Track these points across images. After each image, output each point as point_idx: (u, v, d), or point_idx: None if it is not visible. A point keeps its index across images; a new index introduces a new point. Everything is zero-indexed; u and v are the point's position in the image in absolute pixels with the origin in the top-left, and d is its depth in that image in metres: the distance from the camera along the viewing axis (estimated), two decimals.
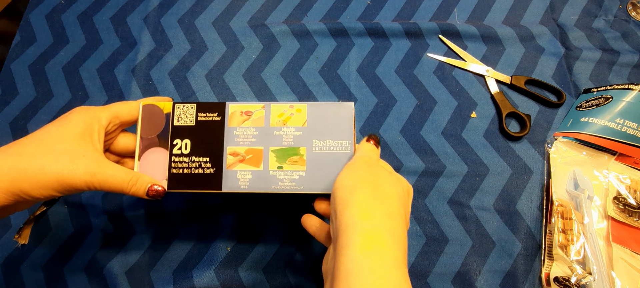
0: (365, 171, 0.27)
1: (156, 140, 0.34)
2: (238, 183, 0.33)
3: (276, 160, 0.33)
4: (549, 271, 0.40)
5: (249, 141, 0.34)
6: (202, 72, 0.50)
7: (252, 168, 0.33)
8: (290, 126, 0.34)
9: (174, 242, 0.42)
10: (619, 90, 0.45)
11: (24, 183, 0.24)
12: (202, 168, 0.33)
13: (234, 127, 0.34)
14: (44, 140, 0.26)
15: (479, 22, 0.53)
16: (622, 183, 0.42)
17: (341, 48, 0.51)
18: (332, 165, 0.32)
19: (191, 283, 0.40)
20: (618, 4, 0.54)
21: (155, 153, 0.34)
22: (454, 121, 0.47)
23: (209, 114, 0.34)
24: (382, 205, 0.24)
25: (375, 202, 0.24)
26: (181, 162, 0.34)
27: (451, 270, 0.41)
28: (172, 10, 0.54)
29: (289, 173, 0.33)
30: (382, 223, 0.23)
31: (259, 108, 0.34)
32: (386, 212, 0.24)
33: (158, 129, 0.34)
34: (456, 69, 0.50)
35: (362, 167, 0.27)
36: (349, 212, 0.24)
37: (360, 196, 0.24)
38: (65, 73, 0.51)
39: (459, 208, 0.43)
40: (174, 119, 0.34)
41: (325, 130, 0.33)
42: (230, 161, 0.33)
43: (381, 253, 0.22)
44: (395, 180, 0.27)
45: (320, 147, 0.33)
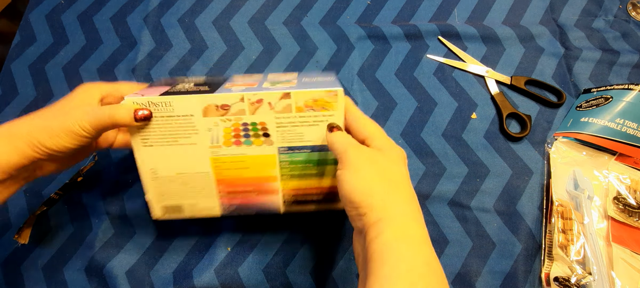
0: (370, 168, 0.27)
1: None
2: (232, 91, 0.32)
3: (269, 84, 0.34)
4: (548, 271, 0.40)
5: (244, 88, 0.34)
6: (202, 72, 0.50)
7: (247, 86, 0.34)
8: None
9: (174, 242, 0.42)
10: (619, 90, 0.45)
11: (40, 134, 0.29)
12: (198, 87, 0.34)
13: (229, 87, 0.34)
14: (54, 105, 0.32)
15: (479, 22, 0.53)
16: (622, 183, 0.42)
17: (341, 51, 0.51)
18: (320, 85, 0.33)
19: (191, 283, 0.40)
20: (618, 4, 0.54)
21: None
22: (454, 122, 0.47)
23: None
24: (397, 194, 0.26)
25: (391, 195, 0.26)
26: (180, 87, 0.34)
27: (451, 271, 0.41)
28: (172, 9, 0.54)
29: (281, 87, 0.33)
30: (403, 210, 0.26)
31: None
32: (403, 199, 0.26)
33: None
34: (456, 70, 0.50)
35: (366, 164, 0.27)
36: (373, 214, 0.25)
37: (377, 197, 0.26)
38: (65, 73, 0.51)
39: (459, 210, 0.43)
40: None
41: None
42: (226, 86, 0.34)
43: (409, 237, 0.24)
44: (395, 157, 0.29)
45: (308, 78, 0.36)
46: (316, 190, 0.34)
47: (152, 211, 0.35)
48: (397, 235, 0.24)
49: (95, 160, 0.46)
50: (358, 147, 0.29)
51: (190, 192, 0.34)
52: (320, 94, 0.32)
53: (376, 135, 0.30)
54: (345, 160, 0.27)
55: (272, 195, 0.35)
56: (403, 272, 0.23)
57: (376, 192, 0.26)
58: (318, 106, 0.32)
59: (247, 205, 0.35)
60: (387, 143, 0.30)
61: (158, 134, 0.32)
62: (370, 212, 0.25)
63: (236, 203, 0.35)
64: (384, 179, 0.27)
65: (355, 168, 0.27)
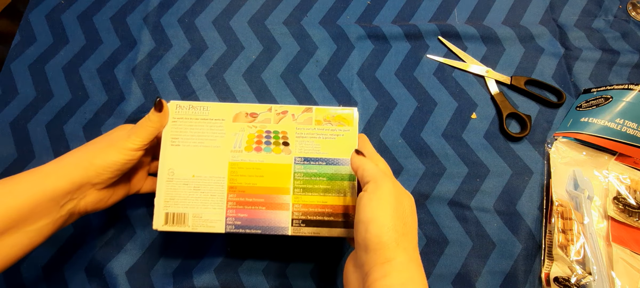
0: (394, 204, 0.27)
1: None
2: None
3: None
4: (548, 271, 0.40)
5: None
6: (202, 71, 0.50)
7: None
8: None
9: (174, 242, 0.42)
10: (619, 90, 0.45)
11: (89, 154, 0.32)
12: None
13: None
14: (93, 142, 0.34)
15: (479, 22, 0.53)
16: (622, 183, 0.42)
17: (341, 51, 0.51)
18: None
19: (191, 283, 0.40)
20: (618, 4, 0.54)
21: None
22: (454, 122, 0.47)
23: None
24: (409, 239, 0.27)
25: (405, 239, 0.26)
26: None
27: (451, 271, 0.41)
28: (172, 9, 0.54)
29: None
30: (411, 256, 0.26)
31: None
32: (413, 245, 0.27)
33: None
34: (456, 70, 0.50)
35: (392, 199, 0.27)
36: (384, 253, 0.25)
37: (392, 236, 0.26)
38: (65, 73, 0.51)
39: (459, 210, 0.43)
40: None
41: None
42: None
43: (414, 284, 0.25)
44: (412, 205, 0.29)
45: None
46: (326, 209, 0.34)
47: (155, 218, 0.34)
48: (404, 281, 0.25)
49: None
50: (392, 179, 0.29)
51: (199, 199, 0.35)
52: (338, 111, 0.36)
53: (389, 175, 0.31)
54: (377, 187, 0.27)
55: (281, 210, 0.34)
56: None
57: (393, 230, 0.26)
58: (335, 121, 0.36)
59: (254, 221, 0.34)
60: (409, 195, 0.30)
61: (188, 135, 0.36)
62: (382, 249, 0.25)
63: (242, 217, 0.34)
64: (400, 218, 0.27)
65: (382, 199, 0.27)
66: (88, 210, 0.33)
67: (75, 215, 0.33)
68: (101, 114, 0.48)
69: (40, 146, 0.47)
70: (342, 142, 0.36)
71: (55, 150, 0.47)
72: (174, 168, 0.35)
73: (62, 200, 0.30)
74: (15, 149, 0.47)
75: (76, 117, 0.48)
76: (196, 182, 0.35)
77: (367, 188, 0.28)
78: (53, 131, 0.48)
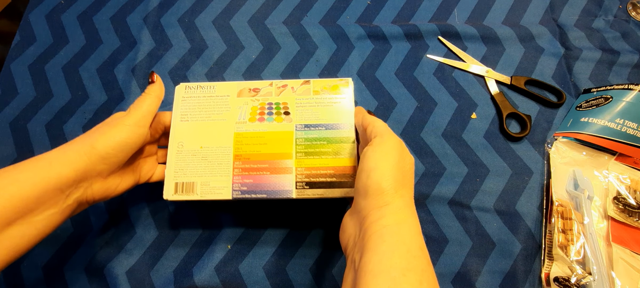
0: (395, 155, 0.29)
1: None
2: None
3: None
4: (548, 271, 0.40)
5: None
6: (202, 71, 0.50)
7: None
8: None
9: (174, 241, 0.42)
10: (619, 90, 0.45)
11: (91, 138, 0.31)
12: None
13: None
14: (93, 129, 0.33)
15: (479, 22, 0.53)
16: (622, 183, 0.42)
17: (341, 51, 0.51)
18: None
19: (192, 281, 0.40)
20: (618, 4, 0.54)
21: None
22: (454, 122, 0.47)
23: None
24: (406, 186, 0.29)
25: (402, 186, 0.28)
26: None
27: (451, 270, 0.41)
28: (172, 9, 0.54)
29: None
30: (407, 202, 0.28)
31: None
32: (409, 192, 0.29)
33: None
34: (456, 70, 0.50)
35: (394, 151, 0.29)
36: (382, 198, 0.27)
37: (391, 183, 0.27)
38: (65, 73, 0.51)
39: (459, 209, 0.43)
40: None
41: None
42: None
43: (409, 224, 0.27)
44: (412, 164, 0.31)
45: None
46: (328, 170, 0.36)
47: (166, 188, 0.36)
48: (399, 221, 0.26)
49: None
50: (393, 134, 0.31)
51: (207, 168, 0.36)
52: (335, 82, 0.39)
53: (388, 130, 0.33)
54: (383, 141, 0.29)
55: (285, 174, 0.36)
56: (402, 251, 0.25)
57: (392, 179, 0.27)
58: (332, 90, 0.39)
59: (259, 186, 0.35)
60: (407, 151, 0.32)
61: (196, 111, 0.38)
62: (381, 194, 0.27)
63: (248, 182, 0.35)
64: (400, 170, 0.28)
65: (387, 151, 0.29)
66: (96, 198, 0.32)
67: (84, 204, 0.32)
68: (101, 113, 0.48)
69: (40, 146, 0.47)
70: (339, 109, 0.38)
71: None
72: (183, 142, 0.37)
73: (67, 189, 0.29)
74: (15, 149, 0.47)
75: (76, 117, 0.48)
76: (204, 153, 0.37)
77: (374, 142, 0.30)
78: (53, 131, 0.48)
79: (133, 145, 0.33)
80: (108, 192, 0.33)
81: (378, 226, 0.26)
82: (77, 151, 0.30)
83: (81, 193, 0.31)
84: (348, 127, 0.37)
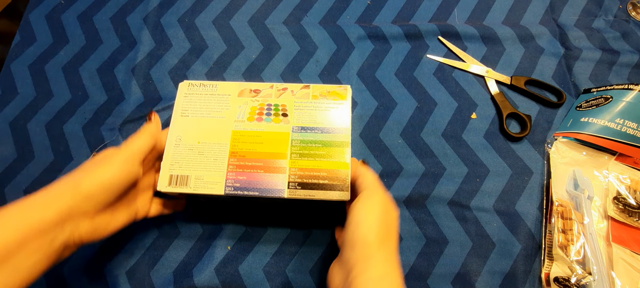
0: (382, 212, 0.30)
1: None
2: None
3: None
4: (548, 271, 0.40)
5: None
6: (202, 71, 0.50)
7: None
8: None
9: (174, 242, 0.42)
10: (619, 90, 0.45)
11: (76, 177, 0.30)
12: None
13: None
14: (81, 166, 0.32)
15: (479, 22, 0.53)
16: (622, 183, 0.42)
17: (341, 51, 0.51)
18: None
19: (191, 282, 0.40)
20: (618, 4, 0.54)
21: None
22: (454, 122, 0.47)
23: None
24: (391, 242, 0.30)
25: (387, 242, 0.29)
26: None
27: (451, 271, 0.41)
28: (171, 9, 0.54)
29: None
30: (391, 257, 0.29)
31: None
32: (393, 247, 0.30)
33: None
34: (456, 70, 0.50)
35: (381, 207, 0.30)
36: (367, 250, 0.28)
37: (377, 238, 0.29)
38: (65, 73, 0.51)
39: (459, 210, 0.43)
40: None
41: None
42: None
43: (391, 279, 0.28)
44: (396, 218, 0.32)
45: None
46: (321, 173, 0.36)
47: (160, 179, 0.36)
48: (383, 274, 0.28)
49: None
50: (385, 194, 0.32)
51: (202, 163, 0.37)
52: (334, 88, 0.40)
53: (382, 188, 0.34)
54: (370, 195, 0.31)
55: (278, 174, 0.36)
56: None
57: (377, 233, 0.29)
58: (330, 96, 0.39)
59: (252, 183, 0.35)
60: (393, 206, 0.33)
61: (197, 107, 0.39)
62: (366, 248, 0.28)
63: (241, 179, 0.36)
64: (385, 225, 0.30)
65: (374, 206, 0.30)
66: (85, 239, 0.31)
67: (71, 247, 0.30)
68: (101, 113, 0.48)
69: (40, 146, 0.47)
70: (336, 115, 0.38)
71: (54, 150, 0.47)
72: (181, 136, 0.38)
73: (51, 233, 0.28)
74: (15, 149, 0.47)
75: (76, 117, 0.48)
76: (201, 148, 0.37)
77: (361, 196, 0.31)
78: (53, 131, 0.48)
79: (120, 184, 0.31)
80: (98, 232, 0.32)
81: (363, 279, 0.27)
82: (60, 192, 0.29)
83: (67, 235, 0.29)
84: (343, 133, 0.37)
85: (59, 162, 0.46)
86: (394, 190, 0.43)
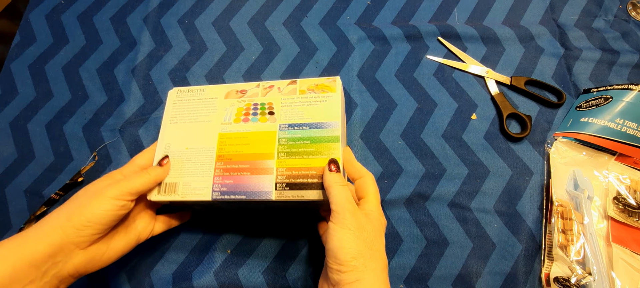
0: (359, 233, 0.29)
1: None
2: None
3: None
4: (548, 271, 0.40)
5: None
6: (202, 72, 0.50)
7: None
8: None
9: (174, 244, 0.42)
10: (619, 90, 0.45)
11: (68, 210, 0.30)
12: None
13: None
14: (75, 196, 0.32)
15: (479, 23, 0.53)
16: (622, 183, 0.42)
17: (341, 53, 0.51)
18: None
19: (191, 285, 0.40)
20: (618, 4, 0.54)
21: None
22: (454, 123, 0.47)
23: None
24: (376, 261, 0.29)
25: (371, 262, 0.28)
26: None
27: (452, 272, 0.41)
28: (172, 10, 0.54)
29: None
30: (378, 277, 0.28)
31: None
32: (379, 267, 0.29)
33: None
34: (456, 70, 0.50)
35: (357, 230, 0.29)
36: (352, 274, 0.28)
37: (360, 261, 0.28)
38: (65, 73, 0.51)
39: (459, 211, 0.43)
40: None
41: None
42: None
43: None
44: (379, 227, 0.31)
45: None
46: (310, 171, 0.34)
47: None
48: None
49: (96, 160, 0.46)
50: (355, 211, 0.30)
51: (190, 169, 0.36)
52: (322, 80, 0.38)
53: (370, 198, 0.33)
54: (341, 219, 0.29)
55: (265, 175, 0.34)
56: None
57: (359, 255, 0.28)
58: (318, 89, 0.38)
59: (239, 187, 0.34)
60: (377, 210, 0.32)
61: (185, 114, 0.39)
62: (351, 271, 0.28)
63: (228, 183, 0.34)
64: (368, 246, 0.29)
65: (345, 229, 0.29)
66: (80, 271, 0.30)
67: (66, 279, 0.30)
68: (101, 114, 0.48)
69: (40, 146, 0.47)
70: (325, 108, 0.37)
71: (55, 150, 0.47)
72: (170, 143, 0.37)
73: (43, 266, 0.28)
74: (15, 149, 0.47)
75: (76, 117, 0.48)
76: (188, 154, 0.37)
77: (333, 218, 0.30)
78: (53, 131, 0.48)
79: (112, 219, 0.31)
80: (93, 262, 0.31)
81: None
82: (52, 225, 0.29)
83: (59, 268, 0.29)
84: (333, 127, 0.35)
85: (59, 162, 0.46)
86: (394, 191, 0.43)
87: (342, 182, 0.31)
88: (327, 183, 0.31)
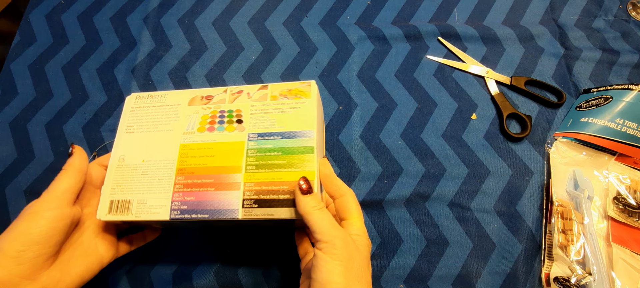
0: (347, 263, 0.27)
1: None
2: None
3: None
4: (548, 271, 0.40)
5: None
6: (201, 72, 0.50)
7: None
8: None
9: (174, 243, 0.42)
10: (619, 90, 0.45)
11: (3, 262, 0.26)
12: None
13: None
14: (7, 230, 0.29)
15: (479, 22, 0.53)
16: (622, 183, 0.42)
17: (341, 53, 0.51)
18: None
19: (191, 284, 0.40)
20: (618, 4, 0.54)
21: None
22: (454, 123, 0.47)
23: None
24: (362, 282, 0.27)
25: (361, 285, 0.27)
26: None
27: (452, 272, 0.41)
28: (172, 10, 0.54)
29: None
30: None
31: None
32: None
33: None
34: (456, 70, 0.50)
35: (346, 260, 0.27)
36: None
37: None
38: (65, 73, 0.51)
39: (459, 211, 0.43)
40: None
41: None
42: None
43: None
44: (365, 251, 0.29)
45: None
46: (282, 186, 0.31)
47: (100, 207, 0.32)
48: None
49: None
50: (345, 238, 0.28)
51: (146, 184, 0.32)
52: (295, 85, 0.35)
53: (354, 220, 0.30)
54: (330, 248, 0.27)
55: (231, 191, 0.31)
56: None
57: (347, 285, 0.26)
58: (292, 94, 0.34)
59: (201, 204, 0.31)
60: (363, 234, 0.30)
61: (143, 122, 0.35)
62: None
63: (189, 200, 0.31)
64: (357, 279, 0.27)
65: (339, 260, 0.27)
66: None
67: None
68: (101, 114, 0.48)
69: (40, 146, 0.47)
70: (299, 115, 0.33)
71: (54, 150, 0.47)
72: (125, 155, 0.34)
73: None
74: (15, 149, 0.47)
75: (76, 117, 0.48)
76: (145, 167, 0.33)
77: (322, 248, 0.27)
78: (53, 131, 0.48)
79: (51, 234, 0.28)
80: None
81: None
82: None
83: None
84: (308, 136, 0.32)
85: (59, 162, 0.46)
86: (394, 191, 0.43)
87: (319, 205, 0.28)
88: (303, 210, 0.28)
